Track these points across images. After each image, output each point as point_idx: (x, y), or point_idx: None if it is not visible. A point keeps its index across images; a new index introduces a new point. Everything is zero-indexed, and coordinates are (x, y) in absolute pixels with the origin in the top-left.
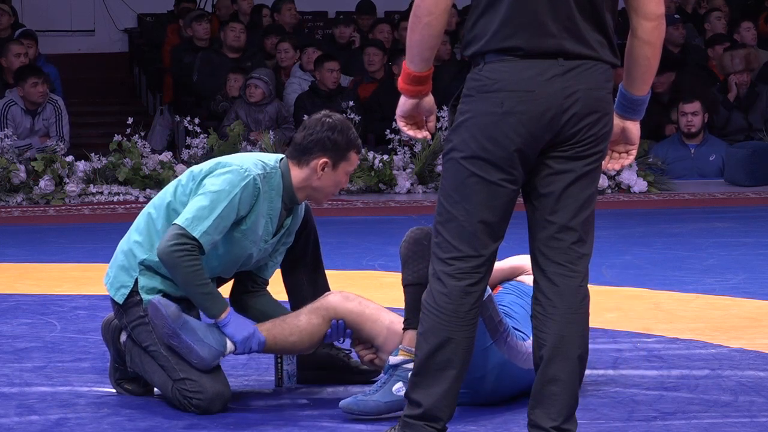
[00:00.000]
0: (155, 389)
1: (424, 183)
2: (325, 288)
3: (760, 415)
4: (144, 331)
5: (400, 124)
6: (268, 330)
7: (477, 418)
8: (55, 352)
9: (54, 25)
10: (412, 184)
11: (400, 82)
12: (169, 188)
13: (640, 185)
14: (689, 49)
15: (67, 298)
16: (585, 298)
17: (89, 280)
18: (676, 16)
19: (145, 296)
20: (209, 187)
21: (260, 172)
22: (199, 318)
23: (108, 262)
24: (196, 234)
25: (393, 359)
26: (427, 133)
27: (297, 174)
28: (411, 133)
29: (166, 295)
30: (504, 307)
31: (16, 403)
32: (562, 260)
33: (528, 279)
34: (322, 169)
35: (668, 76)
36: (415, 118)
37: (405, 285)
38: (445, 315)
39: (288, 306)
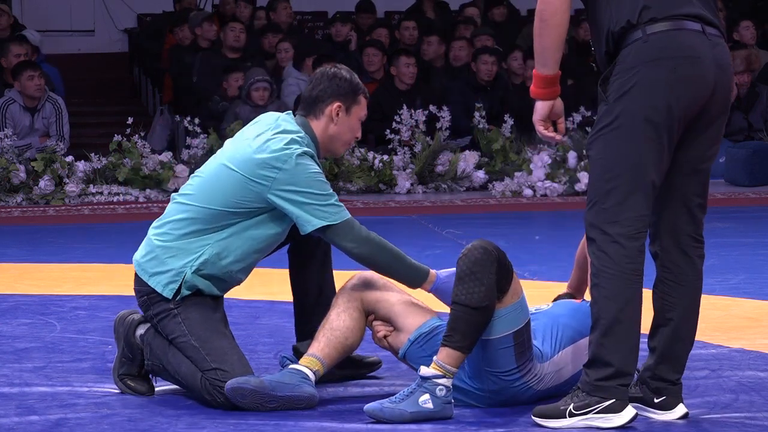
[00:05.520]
0: (156, 387)
1: (424, 183)
2: (330, 286)
3: (760, 415)
4: (171, 323)
5: (539, 127)
6: (325, 345)
7: (479, 418)
8: (55, 352)
9: (54, 25)
10: (412, 184)
11: (533, 89)
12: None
13: None
14: None
15: (67, 298)
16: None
17: (89, 280)
18: None
19: (183, 291)
20: (300, 181)
21: (302, 141)
22: (225, 319)
23: (108, 262)
24: (344, 217)
25: (424, 371)
26: (560, 135)
27: (316, 126)
28: (550, 134)
29: (199, 292)
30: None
31: (16, 403)
32: (693, 232)
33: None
34: (337, 114)
35: None
36: (551, 119)
37: (455, 302)
38: (627, 275)
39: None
